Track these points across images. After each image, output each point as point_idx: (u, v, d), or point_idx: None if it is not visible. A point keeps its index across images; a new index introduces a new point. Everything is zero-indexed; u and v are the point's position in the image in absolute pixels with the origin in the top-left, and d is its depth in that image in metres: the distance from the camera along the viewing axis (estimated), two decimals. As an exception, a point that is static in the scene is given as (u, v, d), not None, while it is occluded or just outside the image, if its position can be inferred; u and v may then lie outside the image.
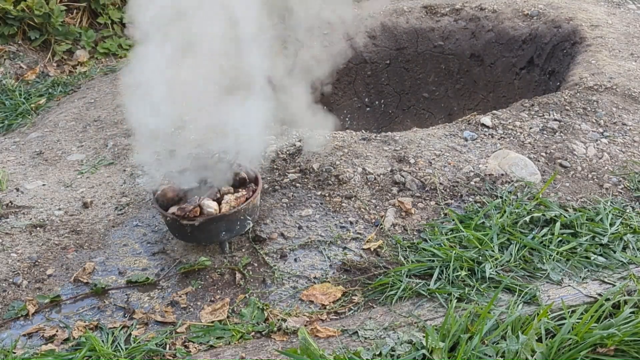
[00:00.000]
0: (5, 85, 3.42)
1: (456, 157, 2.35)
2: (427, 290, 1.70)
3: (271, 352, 1.53)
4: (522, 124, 2.56)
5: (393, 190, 2.19)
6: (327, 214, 2.10)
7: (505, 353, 1.44)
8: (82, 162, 2.62)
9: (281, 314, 1.68)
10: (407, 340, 1.51)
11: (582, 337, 1.45)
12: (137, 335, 1.65)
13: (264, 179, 2.27)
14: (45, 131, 2.91)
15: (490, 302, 1.54)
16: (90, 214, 2.23)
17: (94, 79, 3.55)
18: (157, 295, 1.82)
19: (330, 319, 1.66)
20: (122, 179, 2.44)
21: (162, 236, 2.07)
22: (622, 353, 1.45)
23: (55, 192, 2.38)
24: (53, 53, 3.83)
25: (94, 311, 1.77)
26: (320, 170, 2.29)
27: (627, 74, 2.87)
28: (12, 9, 3.64)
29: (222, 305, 1.74)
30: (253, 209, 1.93)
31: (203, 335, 1.63)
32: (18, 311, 1.77)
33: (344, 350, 1.50)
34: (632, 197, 2.11)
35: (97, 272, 1.93)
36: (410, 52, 4.30)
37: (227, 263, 1.91)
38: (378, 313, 1.64)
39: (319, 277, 1.83)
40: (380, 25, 4.30)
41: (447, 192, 2.18)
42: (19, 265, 1.96)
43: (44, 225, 2.16)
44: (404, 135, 2.53)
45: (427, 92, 4.36)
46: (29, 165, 2.62)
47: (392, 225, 2.02)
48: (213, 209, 1.86)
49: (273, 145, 2.49)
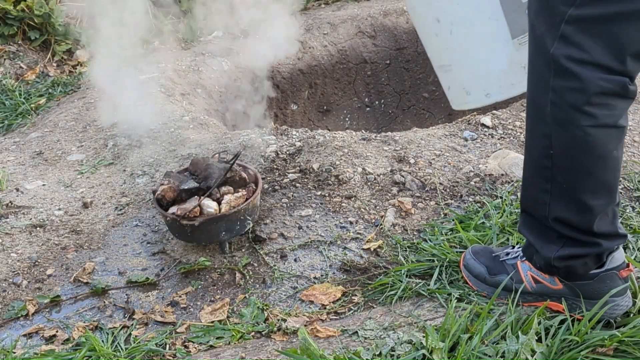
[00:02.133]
0: (5, 85, 3.42)
1: (456, 157, 2.36)
2: (427, 290, 1.70)
3: (271, 352, 1.53)
4: (522, 124, 2.56)
5: (393, 190, 2.19)
6: (327, 214, 2.10)
7: (505, 353, 1.44)
8: (82, 162, 2.62)
9: (281, 314, 1.68)
10: (407, 340, 1.51)
11: (582, 337, 1.45)
12: (137, 335, 1.65)
13: (264, 179, 2.27)
14: (45, 131, 2.91)
15: (490, 302, 1.54)
16: (90, 214, 2.23)
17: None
18: (157, 295, 1.82)
19: (330, 319, 1.66)
20: (122, 179, 2.44)
21: (162, 236, 2.07)
22: (622, 353, 1.45)
23: (55, 192, 2.38)
24: (53, 53, 3.82)
25: (94, 311, 1.77)
26: (320, 170, 2.29)
27: (627, 74, 2.87)
28: (12, 9, 3.64)
29: (222, 305, 1.74)
30: (253, 209, 1.93)
31: (203, 335, 1.63)
32: (18, 311, 1.77)
33: (344, 350, 1.50)
34: (632, 197, 2.11)
35: (97, 272, 1.93)
36: (410, 52, 4.31)
37: (227, 263, 1.91)
38: (378, 313, 1.64)
39: (319, 277, 1.83)
40: (381, 25, 4.30)
41: (447, 192, 2.18)
42: (19, 265, 1.96)
43: (44, 225, 2.16)
44: (404, 135, 2.53)
45: (427, 92, 4.36)
46: (29, 165, 2.62)
47: (392, 225, 2.02)
48: (213, 209, 1.86)
49: (273, 145, 2.49)
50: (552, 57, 1.31)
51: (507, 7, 1.64)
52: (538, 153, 1.43)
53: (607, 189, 1.40)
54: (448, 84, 1.78)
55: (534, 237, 1.54)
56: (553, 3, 1.30)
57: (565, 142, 1.36)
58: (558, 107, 1.34)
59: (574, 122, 1.33)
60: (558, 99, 1.33)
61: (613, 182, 1.40)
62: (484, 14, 1.66)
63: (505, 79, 1.69)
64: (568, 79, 1.30)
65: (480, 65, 1.70)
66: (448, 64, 1.72)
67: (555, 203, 1.43)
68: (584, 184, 1.38)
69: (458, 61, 1.72)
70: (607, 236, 1.44)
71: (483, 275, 1.66)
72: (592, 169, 1.37)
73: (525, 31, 1.62)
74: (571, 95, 1.31)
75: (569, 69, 1.29)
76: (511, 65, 1.68)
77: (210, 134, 2.72)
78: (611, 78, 1.28)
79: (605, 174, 1.38)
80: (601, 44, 1.27)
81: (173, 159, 2.52)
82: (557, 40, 1.30)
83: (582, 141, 1.33)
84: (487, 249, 1.73)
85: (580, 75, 1.28)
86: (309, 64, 4.10)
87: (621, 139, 1.38)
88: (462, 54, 1.70)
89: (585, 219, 1.41)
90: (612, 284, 1.49)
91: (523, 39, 1.65)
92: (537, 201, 1.47)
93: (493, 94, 1.70)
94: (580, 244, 1.45)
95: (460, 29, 1.68)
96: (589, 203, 1.39)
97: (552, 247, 1.49)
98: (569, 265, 1.48)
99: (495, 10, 1.64)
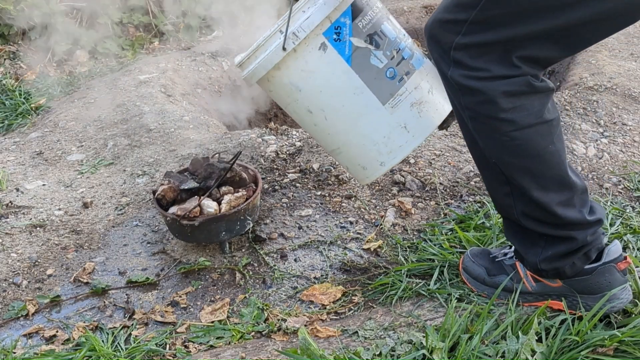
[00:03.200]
0: (5, 85, 3.42)
1: (456, 157, 2.36)
2: (427, 290, 1.70)
3: (271, 352, 1.53)
4: (522, 124, 2.56)
5: (393, 190, 2.19)
6: (327, 214, 2.10)
7: (505, 353, 1.44)
8: (82, 162, 2.62)
9: (281, 314, 1.68)
10: (407, 340, 1.51)
11: (582, 337, 1.45)
12: (137, 335, 1.65)
13: (264, 179, 2.27)
14: (45, 131, 2.91)
15: (490, 302, 1.54)
16: (90, 214, 2.23)
17: (94, 79, 3.55)
18: (157, 295, 1.82)
19: (330, 319, 1.66)
20: (122, 179, 2.44)
21: (162, 236, 2.07)
22: (622, 353, 1.45)
23: (55, 192, 2.38)
24: (53, 53, 3.83)
25: (94, 311, 1.77)
26: (320, 170, 2.29)
27: (627, 73, 2.87)
28: (12, 9, 3.64)
29: (222, 305, 1.74)
30: (253, 209, 1.93)
31: (203, 335, 1.63)
32: (18, 311, 1.77)
33: (344, 350, 1.50)
34: (632, 197, 2.11)
35: (97, 272, 1.93)
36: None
37: (227, 263, 1.91)
38: (378, 313, 1.64)
39: (319, 277, 1.83)
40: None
41: (447, 192, 2.18)
42: (19, 265, 1.96)
43: (44, 225, 2.16)
44: (404, 135, 2.53)
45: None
46: (29, 165, 2.62)
47: (392, 225, 2.02)
48: (213, 209, 1.86)
49: (273, 145, 2.49)
50: (452, 79, 1.36)
51: (367, 79, 1.68)
52: (484, 163, 1.46)
53: (557, 183, 1.41)
54: (345, 164, 1.83)
55: (517, 241, 1.55)
56: (439, 35, 1.35)
57: (497, 150, 1.39)
58: (477, 122, 1.38)
59: (496, 131, 1.36)
60: (474, 113, 1.37)
61: (560, 174, 1.40)
62: (348, 92, 1.69)
63: (392, 144, 1.74)
64: (474, 94, 1.34)
65: (364, 140, 1.75)
66: (337, 148, 1.79)
67: (519, 203, 1.44)
68: (531, 183, 1.39)
69: (343, 143, 1.78)
70: (577, 225, 1.44)
71: (482, 276, 1.66)
72: (532, 168, 1.38)
73: (392, 94, 1.68)
74: (483, 108, 1.34)
75: (470, 86, 1.33)
76: (392, 129, 1.73)
77: (210, 134, 2.72)
78: (512, 81, 1.31)
79: (548, 169, 1.39)
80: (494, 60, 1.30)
81: (173, 159, 2.52)
82: (451, 65, 1.35)
83: (511, 145, 1.36)
84: (485, 251, 1.73)
85: (482, 89, 1.32)
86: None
87: (553, 132, 1.38)
88: (344, 135, 1.76)
89: (549, 214, 1.42)
90: (610, 277, 1.49)
91: (393, 102, 1.70)
92: (504, 205, 1.49)
93: (386, 161, 1.76)
94: (559, 240, 1.45)
95: (332, 113, 1.72)
96: (543, 200, 1.40)
97: (536, 250, 1.50)
98: (556, 267, 1.49)
99: (357, 85, 1.68)
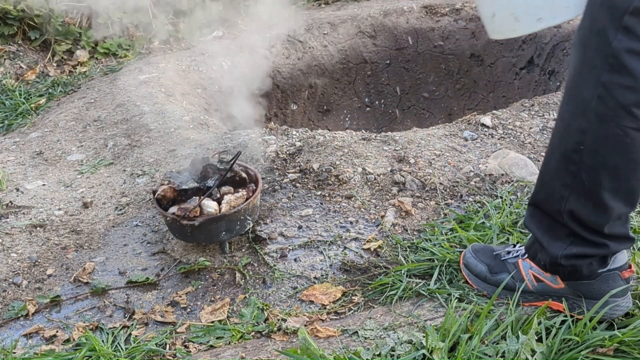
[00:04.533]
0: (5, 85, 3.42)
1: (456, 157, 2.36)
2: (427, 290, 1.70)
3: (271, 352, 1.53)
4: (522, 124, 2.56)
5: (393, 190, 2.19)
6: (327, 214, 2.09)
7: (505, 353, 1.44)
8: (82, 162, 2.62)
9: (281, 314, 1.68)
10: (407, 340, 1.51)
11: (582, 337, 1.45)
12: (137, 335, 1.65)
13: (264, 179, 2.27)
14: (45, 131, 2.91)
15: (490, 302, 1.54)
16: (90, 214, 2.23)
17: (94, 79, 3.56)
18: (157, 295, 1.82)
19: (330, 319, 1.66)
20: (122, 179, 2.44)
21: (162, 236, 2.07)
22: (622, 354, 1.45)
23: (55, 192, 2.38)
24: (53, 53, 3.83)
25: (94, 311, 1.77)
26: (320, 170, 2.29)
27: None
28: (12, 9, 3.64)
29: (222, 305, 1.74)
30: (253, 209, 1.93)
31: (203, 335, 1.63)
32: (18, 311, 1.77)
33: (344, 350, 1.50)
34: (632, 197, 2.11)
35: (97, 272, 1.93)
36: (410, 52, 4.31)
37: (227, 263, 1.91)
38: (378, 313, 1.64)
39: (319, 277, 1.83)
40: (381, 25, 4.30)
41: (447, 192, 2.18)
42: (19, 265, 1.96)
43: (44, 225, 2.16)
44: (404, 135, 2.53)
45: (427, 92, 4.36)
46: (29, 165, 2.62)
47: (392, 225, 2.02)
48: (213, 209, 1.86)
49: (273, 145, 2.49)
50: (613, 50, 1.24)
51: None
52: (569, 147, 1.38)
53: (629, 194, 1.37)
54: (493, 11, 1.66)
55: (542, 232, 1.51)
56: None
57: (601, 140, 1.32)
58: (604, 103, 1.29)
59: (616, 121, 1.28)
60: (606, 94, 1.28)
61: (635, 188, 1.37)
62: None
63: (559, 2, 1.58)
64: (622, 75, 1.24)
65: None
66: None
67: (573, 199, 1.39)
68: (609, 184, 1.35)
69: None
70: (617, 238, 1.42)
71: (484, 274, 1.66)
72: (621, 170, 1.33)
73: None
74: (621, 93, 1.26)
75: (627, 65, 1.24)
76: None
77: (210, 134, 2.72)
78: None
79: (633, 178, 1.35)
80: None
81: (173, 159, 2.52)
82: (620, 32, 1.23)
83: (619, 141, 1.29)
84: (487, 248, 1.72)
85: (636, 72, 1.24)
86: (309, 64, 4.10)
87: None
88: None
89: (601, 219, 1.38)
90: (614, 284, 1.48)
91: None
92: (555, 195, 1.43)
93: (545, 18, 1.57)
94: (588, 243, 1.43)
95: None
96: (609, 204, 1.36)
97: (560, 244, 1.46)
98: (575, 265, 1.46)
99: None
